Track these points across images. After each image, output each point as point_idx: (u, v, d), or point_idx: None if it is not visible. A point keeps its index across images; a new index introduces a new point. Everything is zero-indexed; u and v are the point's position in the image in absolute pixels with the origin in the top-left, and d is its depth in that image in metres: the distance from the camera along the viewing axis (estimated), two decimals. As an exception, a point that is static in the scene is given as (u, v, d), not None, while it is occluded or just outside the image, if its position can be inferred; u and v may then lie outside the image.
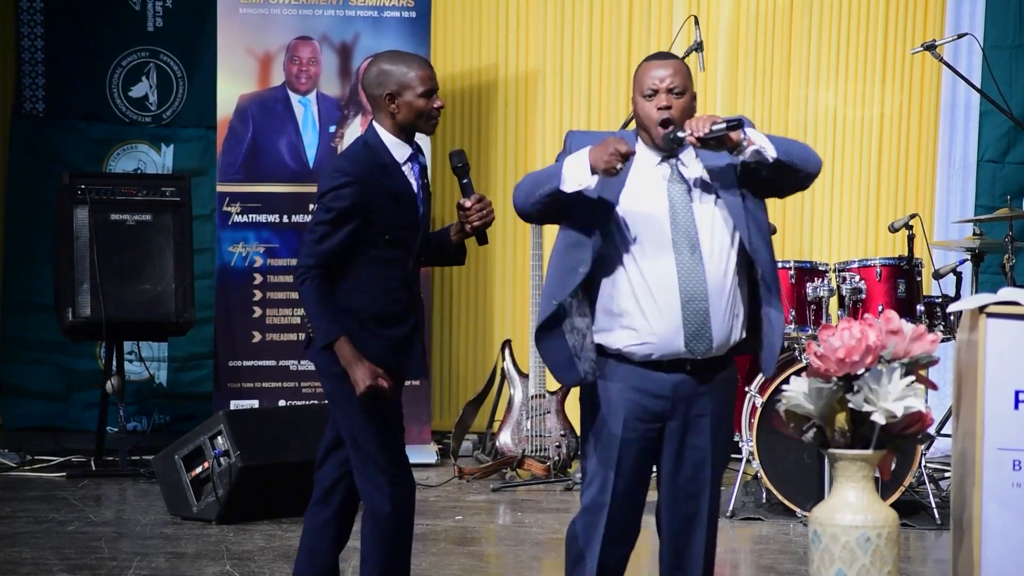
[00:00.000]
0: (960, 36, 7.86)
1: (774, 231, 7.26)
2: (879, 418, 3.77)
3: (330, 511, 4.42)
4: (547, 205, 3.99)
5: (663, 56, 4.16)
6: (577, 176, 3.93)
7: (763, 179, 4.03)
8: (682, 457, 4.08)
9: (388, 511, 4.26)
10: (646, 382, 4.04)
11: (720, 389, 4.10)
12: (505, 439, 7.97)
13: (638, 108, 4.09)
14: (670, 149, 4.05)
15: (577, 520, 4.12)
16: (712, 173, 4.07)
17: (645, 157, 4.08)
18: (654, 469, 4.13)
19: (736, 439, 7.26)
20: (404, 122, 4.30)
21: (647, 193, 4.03)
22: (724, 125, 3.91)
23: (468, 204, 4.29)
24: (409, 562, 4.42)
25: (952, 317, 6.96)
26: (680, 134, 3.98)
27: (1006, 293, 4.28)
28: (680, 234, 3.99)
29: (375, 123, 4.34)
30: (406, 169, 4.33)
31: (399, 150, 4.32)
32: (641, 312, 3.99)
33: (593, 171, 3.90)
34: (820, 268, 7.14)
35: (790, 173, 4.02)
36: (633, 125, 4.20)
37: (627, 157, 3.89)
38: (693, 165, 4.08)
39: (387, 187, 4.27)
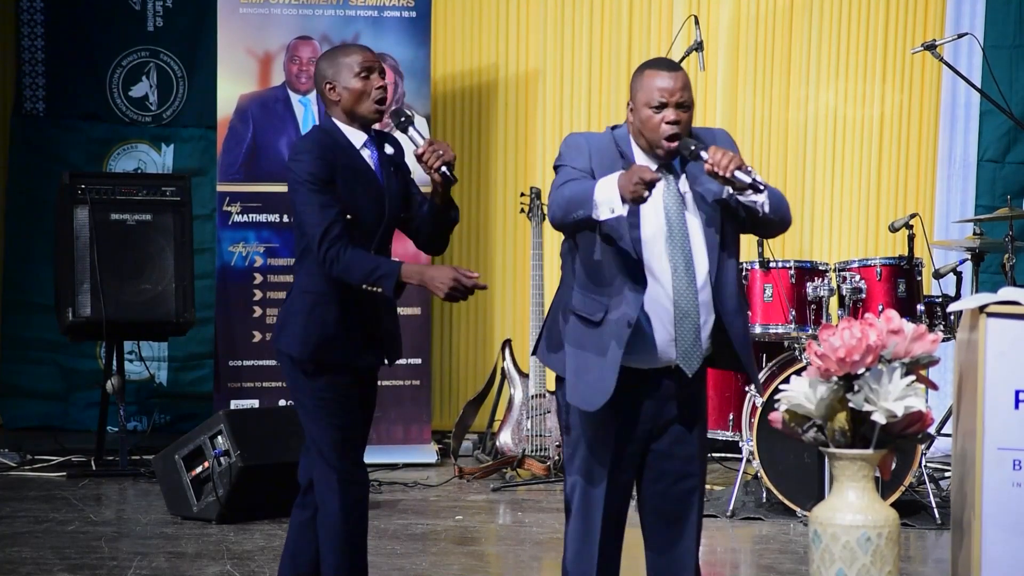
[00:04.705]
0: (960, 36, 7.85)
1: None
2: (879, 418, 3.77)
3: (309, 511, 4.41)
4: (581, 225, 3.95)
5: (670, 65, 4.03)
6: (609, 204, 3.84)
7: (735, 211, 4.00)
8: (666, 463, 4.09)
9: (336, 510, 4.26)
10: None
11: (694, 390, 4.11)
12: (505, 439, 7.97)
13: (641, 117, 3.98)
14: (671, 158, 4.01)
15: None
16: (697, 192, 4.03)
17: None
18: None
19: (736, 439, 7.27)
20: (348, 107, 4.32)
21: (645, 206, 3.97)
22: (749, 180, 3.86)
23: (422, 149, 4.27)
24: (364, 562, 4.40)
25: (952, 317, 6.96)
26: (702, 155, 3.90)
27: (1006, 293, 4.28)
28: (676, 250, 3.98)
29: (329, 115, 4.38)
30: (364, 153, 4.35)
31: (354, 135, 4.35)
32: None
33: (623, 199, 3.83)
34: (820, 268, 7.14)
35: (767, 224, 4.03)
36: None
37: (653, 184, 3.79)
38: (683, 179, 4.04)
39: (344, 163, 4.28)
